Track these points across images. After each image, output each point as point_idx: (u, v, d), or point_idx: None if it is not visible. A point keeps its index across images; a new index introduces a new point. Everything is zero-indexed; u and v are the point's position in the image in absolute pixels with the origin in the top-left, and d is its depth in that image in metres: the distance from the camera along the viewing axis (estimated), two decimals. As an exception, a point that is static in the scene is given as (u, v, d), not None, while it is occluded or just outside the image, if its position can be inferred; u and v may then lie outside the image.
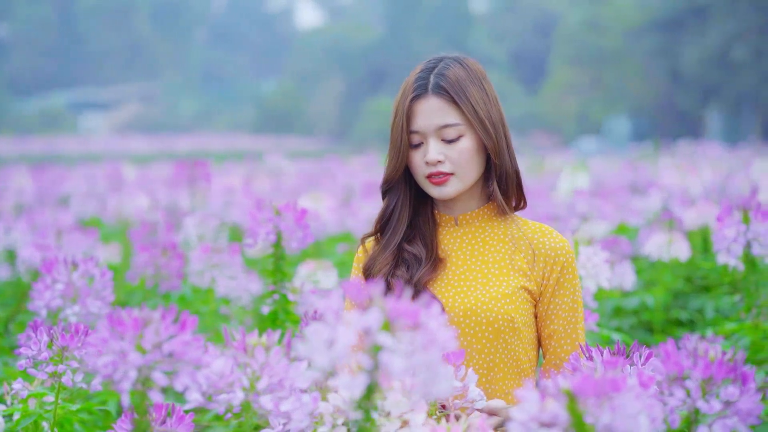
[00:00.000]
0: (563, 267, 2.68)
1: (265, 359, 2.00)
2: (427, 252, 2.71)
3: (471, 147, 2.65)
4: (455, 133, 2.64)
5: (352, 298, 1.71)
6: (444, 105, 2.64)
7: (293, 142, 42.98)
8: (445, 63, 2.70)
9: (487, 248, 2.72)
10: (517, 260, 2.69)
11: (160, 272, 4.71)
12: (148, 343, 1.86)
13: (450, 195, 2.68)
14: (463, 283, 2.68)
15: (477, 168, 2.69)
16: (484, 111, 2.65)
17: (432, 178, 2.66)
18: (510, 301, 2.63)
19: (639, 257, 6.36)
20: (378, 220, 2.80)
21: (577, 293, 2.71)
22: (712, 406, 1.90)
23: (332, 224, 8.44)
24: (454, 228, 2.76)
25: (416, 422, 2.02)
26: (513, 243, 2.71)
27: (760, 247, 3.79)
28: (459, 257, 2.72)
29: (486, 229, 2.74)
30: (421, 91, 2.66)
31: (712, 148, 21.87)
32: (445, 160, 2.65)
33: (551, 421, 1.75)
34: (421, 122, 2.65)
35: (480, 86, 2.67)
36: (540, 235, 2.72)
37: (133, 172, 12.76)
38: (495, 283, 2.66)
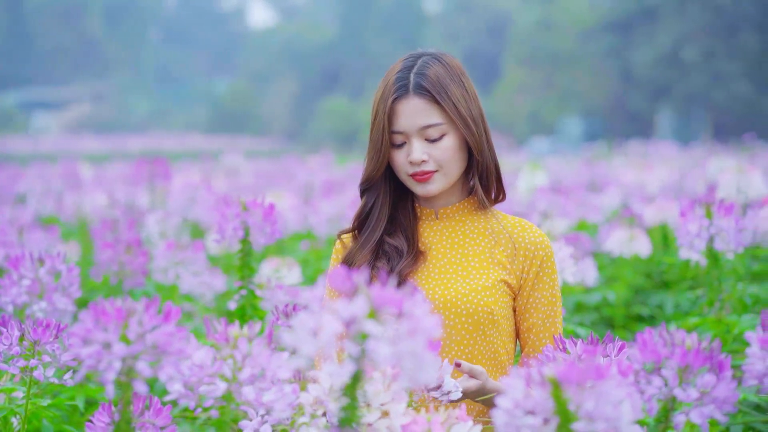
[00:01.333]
0: (542, 261, 2.71)
1: (247, 350, 2.01)
2: (408, 244, 2.72)
3: (454, 145, 2.67)
4: (438, 132, 2.65)
5: (337, 287, 1.72)
6: (426, 105, 2.65)
7: (247, 142, 42.83)
8: (424, 61, 2.69)
9: (467, 241, 2.74)
10: (496, 254, 2.71)
11: (124, 269, 4.69)
12: (133, 333, 1.86)
13: (435, 192, 2.70)
14: (443, 275, 2.70)
15: (460, 164, 2.71)
16: (466, 108, 2.66)
17: (416, 177, 2.68)
18: (490, 294, 2.65)
19: (600, 253, 6.42)
20: (356, 218, 2.81)
21: (555, 288, 2.74)
22: (689, 394, 1.92)
23: (294, 222, 8.44)
24: (434, 222, 2.78)
25: (397, 412, 2.03)
26: (493, 237, 2.73)
27: (723, 242, 3.84)
28: (439, 250, 2.74)
29: (466, 223, 2.77)
30: (403, 91, 2.66)
31: (665, 147, 22.08)
32: (429, 159, 2.66)
33: (536, 408, 1.77)
34: (403, 123, 2.66)
35: (460, 83, 2.69)
36: (520, 229, 2.74)
37: (89, 171, 12.66)
38: (475, 276, 2.68)
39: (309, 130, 49.19)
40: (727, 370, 1.94)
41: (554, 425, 1.77)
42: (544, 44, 45.32)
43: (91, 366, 1.84)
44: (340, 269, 1.74)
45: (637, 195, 8.27)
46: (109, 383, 1.83)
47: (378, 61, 51.67)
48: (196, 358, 1.99)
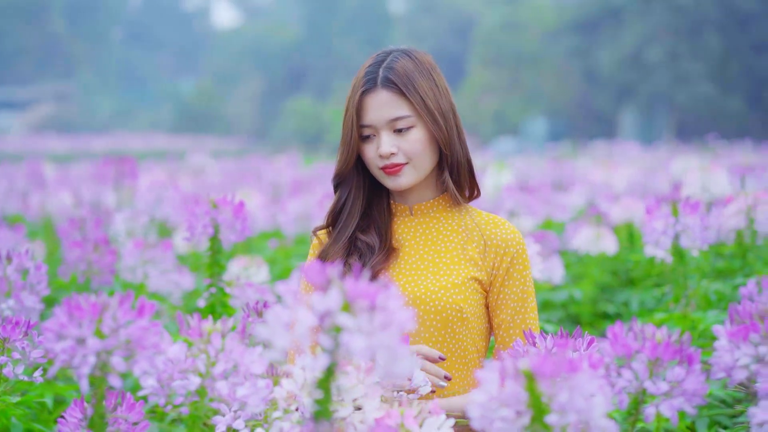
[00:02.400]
0: (513, 258, 2.71)
1: (220, 345, 2.01)
2: (380, 241, 2.73)
3: (422, 137, 2.68)
4: (406, 124, 2.67)
5: (311, 280, 1.73)
6: (393, 98, 2.67)
7: (212, 142, 42.69)
8: (393, 56, 2.72)
9: (440, 238, 2.75)
10: (468, 250, 2.71)
11: (92, 268, 4.66)
12: (107, 328, 1.87)
13: (405, 185, 2.71)
14: (414, 272, 2.71)
15: (430, 157, 2.71)
16: (434, 102, 2.68)
17: (386, 170, 2.69)
18: (459, 291, 2.66)
19: (566, 252, 6.46)
20: (329, 213, 2.82)
21: (526, 284, 2.73)
22: (659, 387, 1.94)
23: (262, 221, 8.44)
24: (409, 218, 2.79)
25: (370, 407, 2.04)
26: (466, 233, 2.74)
27: (688, 239, 3.88)
28: (412, 246, 2.75)
29: (440, 220, 2.78)
30: (371, 85, 2.69)
31: (629, 147, 22.22)
32: (398, 152, 2.67)
33: (510, 401, 1.79)
34: (372, 116, 2.68)
35: (429, 77, 2.70)
36: (492, 226, 2.75)
37: (53, 171, 12.59)
38: (445, 273, 2.69)
39: (274, 130, 49.09)
40: (696, 363, 1.96)
41: (528, 418, 1.79)
42: (509, 44, 45.49)
43: (65, 361, 1.84)
44: (315, 263, 1.75)
45: (602, 194, 8.33)
46: (83, 378, 1.83)
47: (343, 62, 51.68)
48: (170, 353, 1.99)
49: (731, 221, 4.56)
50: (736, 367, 2.01)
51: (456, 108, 2.76)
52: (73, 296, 1.87)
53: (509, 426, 1.80)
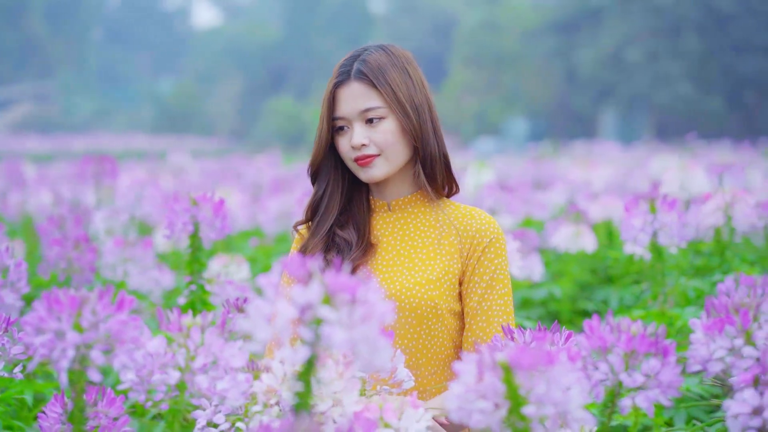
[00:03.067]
0: (486, 246, 2.72)
1: (200, 339, 2.02)
2: (358, 237, 2.75)
3: (394, 129, 2.70)
4: (377, 115, 2.69)
5: (292, 273, 1.75)
6: (365, 89, 2.70)
7: (193, 142, 42.59)
8: (369, 50, 2.76)
9: (417, 234, 2.76)
10: (445, 245, 2.73)
11: (72, 266, 4.66)
12: (86, 322, 1.87)
13: (378, 177, 2.73)
14: (390, 269, 2.72)
15: (403, 150, 2.73)
16: (405, 94, 2.70)
17: (359, 161, 2.72)
18: (434, 287, 2.67)
19: (546, 249, 6.49)
20: (307, 207, 2.84)
21: (498, 272, 2.72)
22: (634, 379, 1.96)
23: (243, 219, 8.45)
24: (387, 213, 2.81)
25: (349, 400, 2.06)
26: (443, 228, 2.75)
27: (666, 237, 3.91)
28: (390, 243, 2.77)
29: (418, 215, 2.79)
30: (344, 77, 2.72)
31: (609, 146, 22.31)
32: (369, 143, 2.70)
33: (488, 392, 1.81)
34: (344, 108, 2.71)
35: (403, 70, 2.73)
36: (468, 217, 2.76)
37: (32, 170, 12.55)
38: (421, 269, 2.70)
39: (255, 130, 49.03)
40: (671, 356, 1.98)
41: (505, 409, 1.81)
42: (489, 45, 45.58)
43: (45, 355, 1.85)
44: (295, 256, 1.77)
45: (582, 192, 8.37)
46: (63, 372, 1.84)
47: (324, 62, 51.62)
48: (149, 347, 2.00)
49: (709, 219, 4.59)
50: (712, 359, 2.03)
51: (433, 104, 2.78)
52: (52, 290, 1.88)
53: (487, 418, 1.82)
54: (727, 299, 2.08)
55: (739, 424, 1.88)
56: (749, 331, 2.02)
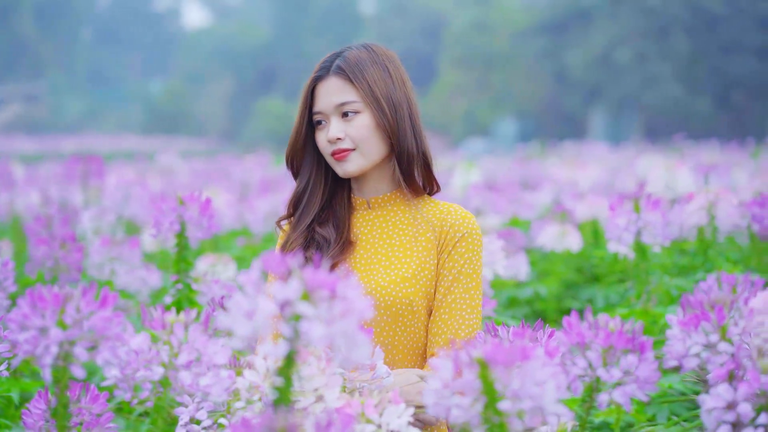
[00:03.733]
0: (460, 239, 2.73)
1: (183, 336, 2.05)
2: (336, 234, 2.78)
3: (369, 124, 2.73)
4: (353, 109, 2.73)
5: (270, 269, 1.77)
6: (342, 84, 2.74)
7: (183, 143, 42.57)
8: (351, 48, 2.80)
9: (396, 231, 2.79)
10: (421, 241, 2.75)
11: (59, 265, 4.67)
12: (69, 318, 1.89)
13: (353, 171, 2.75)
14: (367, 267, 2.75)
15: (378, 145, 2.76)
16: (382, 90, 2.73)
17: (335, 155, 2.75)
18: (410, 284, 2.69)
19: (532, 249, 6.52)
20: (289, 202, 2.87)
21: (467, 267, 2.73)
22: (612, 375, 1.99)
23: (230, 219, 8.47)
24: (367, 211, 2.83)
25: (331, 396, 2.08)
26: (421, 224, 2.77)
27: (650, 236, 3.94)
28: (368, 240, 2.79)
29: (397, 213, 2.81)
30: (323, 72, 2.78)
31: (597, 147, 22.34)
32: (345, 137, 2.73)
33: (464, 388, 1.83)
34: (321, 102, 2.76)
35: (383, 67, 2.76)
36: (445, 213, 2.78)
37: (21, 171, 12.54)
38: (397, 266, 2.73)
39: (245, 130, 49.00)
40: (648, 351, 2.01)
41: (482, 404, 1.83)
42: (479, 45, 45.61)
43: (28, 351, 1.87)
44: (274, 253, 1.79)
45: (569, 192, 8.40)
46: (46, 368, 1.86)
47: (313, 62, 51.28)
48: (133, 344, 2.02)
49: (692, 218, 4.62)
50: (688, 355, 2.06)
51: (414, 103, 2.80)
52: (36, 287, 1.90)
53: (464, 413, 1.84)
54: (703, 296, 2.10)
55: (713, 418, 1.91)
56: (724, 327, 2.05)
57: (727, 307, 2.07)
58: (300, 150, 2.82)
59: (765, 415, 1.87)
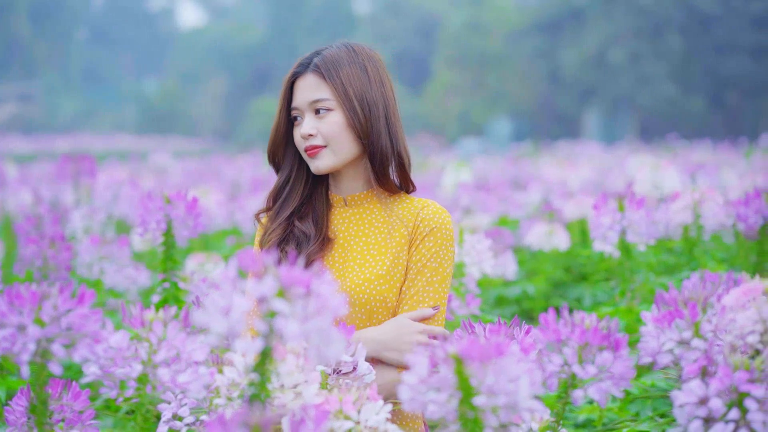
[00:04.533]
0: (427, 234, 2.75)
1: (162, 333, 2.06)
2: (316, 230, 2.80)
3: (340, 122, 2.76)
4: (325, 107, 2.76)
5: (245, 266, 1.79)
6: (317, 81, 2.77)
7: (177, 142, 42.53)
8: (331, 47, 2.83)
9: (371, 229, 2.81)
10: (395, 238, 2.77)
11: (48, 264, 4.68)
12: (47, 315, 1.91)
13: (323, 168, 2.78)
14: (342, 264, 2.77)
15: (349, 143, 2.78)
16: (356, 90, 2.76)
17: (307, 151, 2.79)
18: (384, 281, 2.72)
19: (521, 248, 6.54)
20: (269, 195, 2.90)
21: (433, 261, 2.74)
22: (587, 371, 2.01)
23: (220, 218, 8.48)
24: (344, 209, 2.86)
25: (309, 393, 2.10)
26: (395, 221, 2.80)
27: (634, 235, 3.97)
28: (345, 238, 2.82)
29: (372, 211, 2.83)
30: (302, 69, 2.81)
31: (590, 147, 22.37)
32: (317, 134, 2.76)
33: (440, 383, 1.85)
34: (298, 98, 2.80)
35: (360, 67, 2.79)
36: (418, 208, 2.80)
37: (14, 170, 12.56)
38: (371, 264, 2.75)
39: (239, 130, 48.97)
40: (623, 348, 2.03)
41: (457, 400, 1.85)
42: (473, 45, 45.62)
43: (6, 348, 1.89)
44: (249, 250, 1.81)
45: (558, 191, 8.42)
46: (24, 365, 1.87)
47: (308, 62, 51.32)
48: (112, 341, 2.04)
49: (678, 217, 4.64)
50: (661, 351, 2.08)
51: (392, 105, 2.82)
52: (14, 285, 1.92)
53: (440, 408, 1.86)
54: (676, 293, 2.12)
55: (685, 413, 1.93)
56: (698, 324, 2.07)
57: (700, 304, 2.09)
58: (280, 145, 2.86)
59: (736, 410, 1.89)
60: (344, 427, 2.04)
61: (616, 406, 3.55)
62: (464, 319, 2.93)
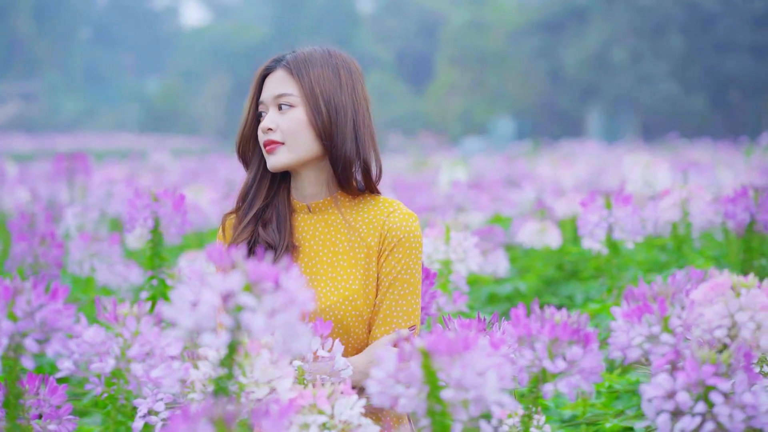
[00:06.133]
0: (395, 245, 2.73)
1: (136, 328, 2.08)
2: (280, 237, 2.78)
3: (300, 119, 2.73)
4: (288, 102, 2.74)
5: (214, 261, 1.80)
6: (285, 77, 2.76)
7: (179, 141, 42.56)
8: (309, 47, 2.83)
9: (338, 237, 2.78)
10: (363, 248, 2.74)
11: (39, 261, 4.70)
12: (20, 310, 1.93)
13: (278, 165, 2.75)
14: (314, 278, 2.74)
15: (307, 143, 2.74)
16: (324, 90, 2.74)
17: (265, 146, 2.77)
18: (358, 296, 2.70)
19: (513, 246, 6.55)
20: (239, 196, 2.87)
21: (403, 273, 2.73)
22: (557, 366, 2.02)
23: (214, 216, 8.48)
24: (308, 215, 2.81)
25: (283, 387, 2.11)
26: (362, 229, 2.77)
27: (621, 232, 3.99)
28: (311, 247, 2.78)
29: (338, 218, 2.79)
30: (273, 65, 2.81)
31: (590, 146, 22.38)
32: (276, 129, 2.74)
33: (407, 378, 1.87)
34: (264, 93, 2.80)
35: (333, 70, 2.77)
36: (385, 214, 2.76)
37: (14, 169, 12.58)
38: (344, 278, 2.72)
39: (241, 129, 48.84)
40: (593, 343, 2.04)
41: (424, 394, 1.87)
42: (475, 44, 45.63)
43: (-21, 343, 1.90)
44: (218, 245, 1.82)
45: (551, 189, 8.43)
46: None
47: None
48: (86, 336, 2.05)
49: (666, 214, 4.66)
50: (631, 346, 2.10)
51: (363, 112, 2.78)
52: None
53: (411, 402, 1.88)
54: (646, 288, 2.14)
55: (653, 407, 1.94)
56: (666, 319, 2.09)
57: (669, 299, 2.11)
58: (248, 140, 2.84)
59: (702, 403, 1.90)
60: (318, 422, 2.05)
61: (600, 402, 3.56)
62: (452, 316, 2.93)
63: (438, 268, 4.05)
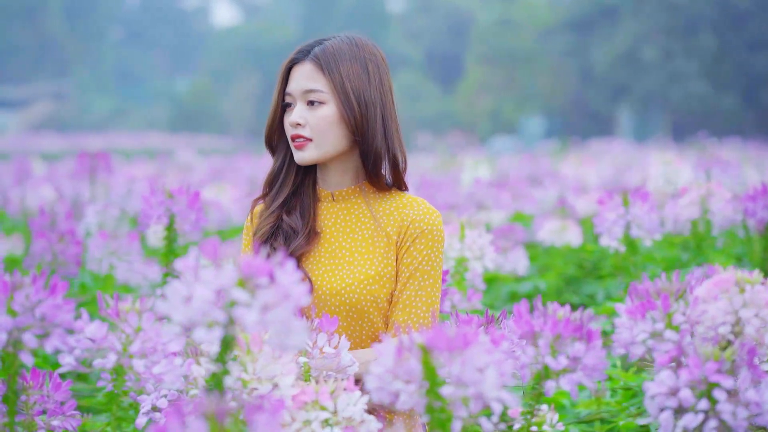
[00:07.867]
0: (417, 236, 2.73)
1: (137, 324, 2.08)
2: (303, 224, 2.79)
3: (331, 116, 2.73)
4: (318, 99, 2.74)
5: (208, 256, 1.79)
6: (314, 71, 2.75)
7: (208, 141, 42.72)
8: (335, 38, 2.80)
9: (360, 226, 2.80)
10: (383, 237, 2.75)
11: (58, 259, 4.71)
12: (19, 305, 1.93)
13: (307, 160, 2.76)
14: (332, 262, 2.76)
15: (337, 139, 2.75)
16: (354, 86, 2.73)
17: (294, 141, 2.77)
18: (374, 281, 2.71)
19: (534, 244, 6.52)
20: (266, 181, 2.89)
21: (424, 264, 2.74)
22: (559, 362, 2.00)
23: (237, 214, 8.50)
24: (331, 203, 2.83)
25: (285, 384, 2.10)
26: (383, 219, 2.78)
27: (639, 229, 3.95)
28: (333, 233, 2.80)
29: (361, 207, 2.81)
30: (301, 56, 2.79)
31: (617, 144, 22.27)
32: (305, 125, 2.74)
33: (406, 374, 1.85)
34: (292, 85, 2.78)
35: (362, 64, 2.76)
36: (408, 207, 2.78)
37: (42, 167, 12.66)
38: (361, 263, 2.74)
39: (271, 128, 48.93)
40: (596, 340, 2.02)
41: (423, 390, 1.85)
42: (505, 43, 45.53)
43: (-22, 338, 1.91)
44: (212, 240, 1.81)
45: (573, 187, 8.39)
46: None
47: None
48: (88, 332, 2.05)
49: (686, 211, 4.62)
50: (635, 342, 2.08)
51: (390, 106, 2.78)
52: (-14, 275, 1.93)
53: (409, 398, 1.86)
54: (650, 284, 2.12)
55: (656, 404, 1.92)
56: (670, 315, 2.07)
57: (672, 295, 2.09)
58: (276, 130, 2.84)
59: (705, 401, 1.88)
60: (320, 418, 2.05)
61: (614, 401, 3.53)
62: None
63: (452, 266, 4.03)
